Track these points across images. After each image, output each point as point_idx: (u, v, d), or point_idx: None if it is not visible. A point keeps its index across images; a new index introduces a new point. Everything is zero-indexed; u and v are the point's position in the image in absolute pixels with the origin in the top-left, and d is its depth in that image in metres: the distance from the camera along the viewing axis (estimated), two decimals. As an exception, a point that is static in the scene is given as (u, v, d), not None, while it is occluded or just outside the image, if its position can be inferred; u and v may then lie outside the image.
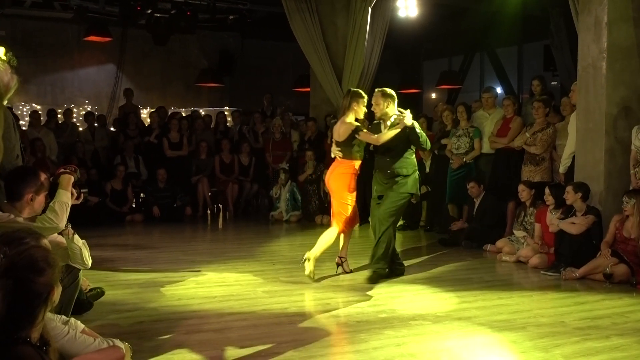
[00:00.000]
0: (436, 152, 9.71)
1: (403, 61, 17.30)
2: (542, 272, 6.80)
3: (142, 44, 14.94)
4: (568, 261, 6.64)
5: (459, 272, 6.89)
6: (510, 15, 12.53)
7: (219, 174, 11.80)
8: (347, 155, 6.43)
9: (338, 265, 6.67)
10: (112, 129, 13.05)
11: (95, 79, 15.44)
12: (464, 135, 9.12)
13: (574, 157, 7.51)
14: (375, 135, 6.35)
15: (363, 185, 10.15)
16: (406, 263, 7.32)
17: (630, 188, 6.70)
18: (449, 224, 9.06)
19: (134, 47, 15.26)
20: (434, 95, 17.44)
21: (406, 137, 6.30)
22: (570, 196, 6.85)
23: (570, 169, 7.57)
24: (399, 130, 6.28)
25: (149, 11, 12.63)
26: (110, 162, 11.53)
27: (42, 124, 11.64)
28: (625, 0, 7.04)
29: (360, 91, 6.59)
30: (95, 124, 12.41)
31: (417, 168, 6.50)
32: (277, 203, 11.06)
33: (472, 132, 9.09)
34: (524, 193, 7.74)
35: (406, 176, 6.37)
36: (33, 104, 14.27)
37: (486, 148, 8.99)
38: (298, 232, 9.92)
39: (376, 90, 6.53)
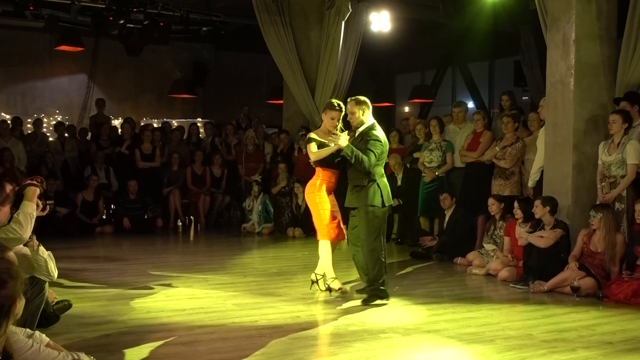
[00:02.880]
0: (408, 165, 9.79)
1: (376, 75, 17.43)
2: (511, 285, 6.87)
3: (114, 55, 14.80)
4: (536, 274, 6.72)
5: (429, 285, 6.93)
6: (481, 31, 12.70)
7: (191, 186, 11.73)
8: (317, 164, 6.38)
9: (313, 282, 6.47)
10: (78, 137, 12.86)
11: (67, 89, 15.27)
12: (437, 149, 9.20)
13: (542, 171, 7.62)
14: (312, 152, 6.20)
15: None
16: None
17: (597, 202, 6.81)
18: (421, 236, 9.11)
19: (106, 58, 15.13)
20: (406, 109, 17.56)
21: (366, 149, 6.02)
22: (539, 210, 6.94)
23: (539, 183, 7.67)
24: (331, 150, 6.10)
25: (121, 21, 12.55)
26: (80, 173, 11.40)
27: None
28: (592, 18, 7.18)
29: (331, 102, 6.45)
30: (66, 134, 12.26)
31: (377, 178, 6.10)
32: (249, 215, 11.03)
33: (444, 146, 9.17)
34: (493, 207, 7.82)
35: (360, 187, 6.08)
36: (2, 114, 14.07)
37: (458, 162, 9.08)
38: (270, 244, 9.90)
39: (349, 99, 6.36)
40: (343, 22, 10.87)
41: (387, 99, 16.59)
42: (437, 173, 9.14)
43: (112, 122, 13.91)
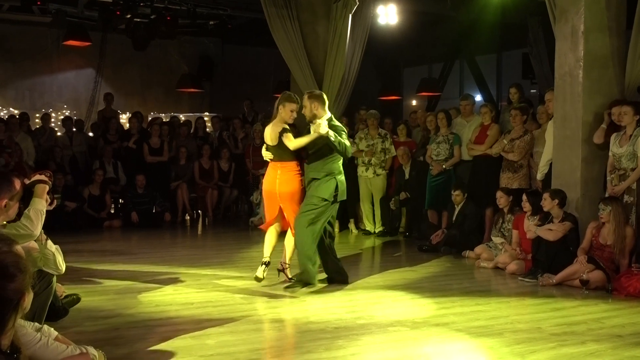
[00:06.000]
0: (422, 158, 9.74)
1: (383, 68, 17.36)
2: (519, 278, 6.85)
3: (121, 49, 14.83)
4: (545, 267, 6.70)
5: (437, 278, 6.92)
6: (489, 23, 12.62)
7: (199, 180, 11.75)
8: (287, 157, 6.34)
9: (280, 271, 6.58)
10: (90, 134, 12.94)
11: (74, 83, 15.31)
12: (444, 141, 9.18)
13: (551, 164, 7.58)
14: (292, 140, 6.21)
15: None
16: (385, 269, 7.36)
17: (607, 195, 6.77)
18: (428, 230, 9.09)
19: (113, 52, 15.16)
20: (414, 102, 17.51)
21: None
22: (547, 203, 6.90)
23: (548, 176, 7.63)
24: (312, 137, 6.11)
25: (128, 16, 12.56)
26: (88, 167, 11.43)
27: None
28: (601, 9, 7.13)
29: (289, 94, 6.45)
30: (74, 129, 12.30)
31: (336, 173, 6.24)
32: (257, 209, 11.03)
33: (451, 139, 9.15)
34: (502, 200, 7.80)
35: (318, 179, 6.19)
36: (11, 109, 14.11)
37: (465, 155, 9.05)
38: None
39: (305, 92, 6.45)
40: (350, 15, 10.81)
41: (394, 92, 16.54)
42: (444, 166, 9.12)
43: (120, 116, 13.94)
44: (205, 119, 13.88)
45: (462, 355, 4.39)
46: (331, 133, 6.04)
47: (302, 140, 6.22)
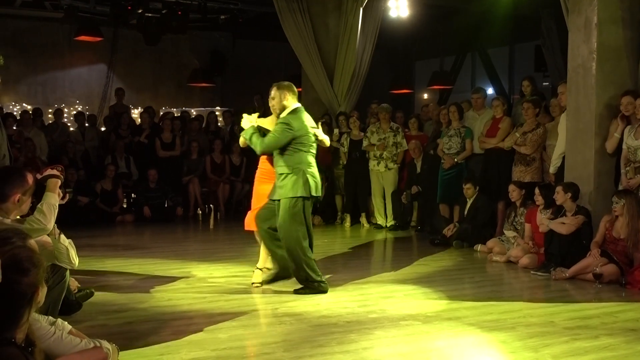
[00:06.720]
0: (432, 152, 9.72)
1: (395, 61, 17.32)
2: (532, 272, 6.82)
3: (133, 44, 14.87)
4: (558, 261, 6.66)
5: (449, 272, 6.90)
6: (501, 15, 12.56)
7: (210, 174, 11.78)
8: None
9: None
10: (102, 128, 13.00)
11: (86, 79, 15.37)
12: (456, 135, 9.14)
13: (564, 157, 7.53)
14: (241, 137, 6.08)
15: (355, 180, 10.23)
16: (397, 263, 7.36)
17: (620, 188, 6.72)
18: (440, 223, 9.07)
19: (125, 47, 15.20)
20: (425, 96, 17.45)
21: (271, 132, 5.87)
22: (560, 196, 6.87)
23: (561, 169, 7.59)
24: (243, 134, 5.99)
25: (139, 11, 12.60)
26: (101, 162, 11.50)
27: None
28: (615, 1, 7.07)
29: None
30: (86, 124, 12.36)
31: (305, 166, 5.79)
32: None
33: (463, 132, 9.12)
34: (514, 193, 7.76)
35: (285, 176, 5.78)
36: (24, 104, 14.19)
37: (477, 148, 9.02)
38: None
39: (273, 84, 6.05)
40: (361, 9, 10.80)
41: (406, 86, 16.49)
42: (455, 159, 9.09)
43: (132, 111, 13.99)
44: (217, 113, 13.91)
45: (475, 350, 4.37)
46: (245, 131, 5.99)
47: (241, 138, 6.16)
